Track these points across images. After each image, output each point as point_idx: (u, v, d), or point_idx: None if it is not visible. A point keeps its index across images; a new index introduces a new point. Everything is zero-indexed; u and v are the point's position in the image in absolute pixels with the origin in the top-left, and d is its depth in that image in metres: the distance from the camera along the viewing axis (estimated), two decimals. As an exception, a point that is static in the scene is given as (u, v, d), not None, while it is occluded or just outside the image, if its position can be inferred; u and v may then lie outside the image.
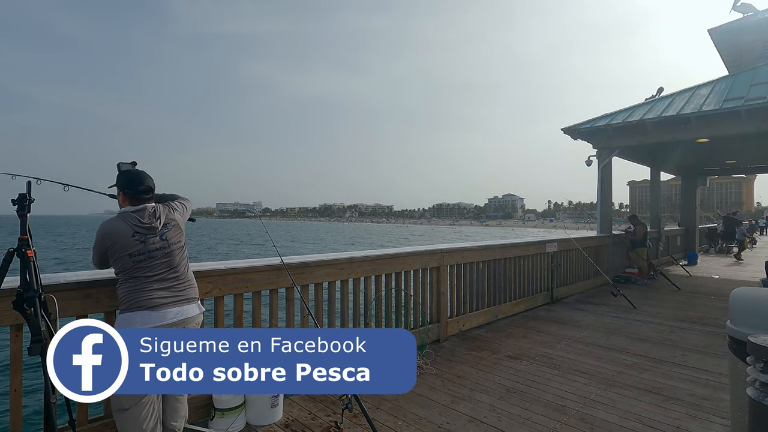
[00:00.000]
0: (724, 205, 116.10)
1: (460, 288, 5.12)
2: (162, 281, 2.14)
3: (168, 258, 2.18)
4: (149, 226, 2.13)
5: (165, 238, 2.17)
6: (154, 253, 2.13)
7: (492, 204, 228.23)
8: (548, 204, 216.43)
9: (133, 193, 2.18)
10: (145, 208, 2.17)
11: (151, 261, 2.12)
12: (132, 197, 2.18)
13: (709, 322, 5.68)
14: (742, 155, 11.96)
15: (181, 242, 2.26)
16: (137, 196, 2.18)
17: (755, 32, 10.83)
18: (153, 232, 2.14)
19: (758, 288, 2.14)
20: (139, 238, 2.11)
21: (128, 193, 2.18)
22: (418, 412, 3.07)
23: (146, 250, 2.11)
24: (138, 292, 2.09)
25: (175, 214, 2.30)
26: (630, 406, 3.17)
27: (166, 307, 2.12)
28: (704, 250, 16.21)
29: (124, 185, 2.19)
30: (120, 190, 2.21)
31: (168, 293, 2.15)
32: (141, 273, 2.10)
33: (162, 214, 2.21)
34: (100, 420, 2.51)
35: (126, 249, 2.09)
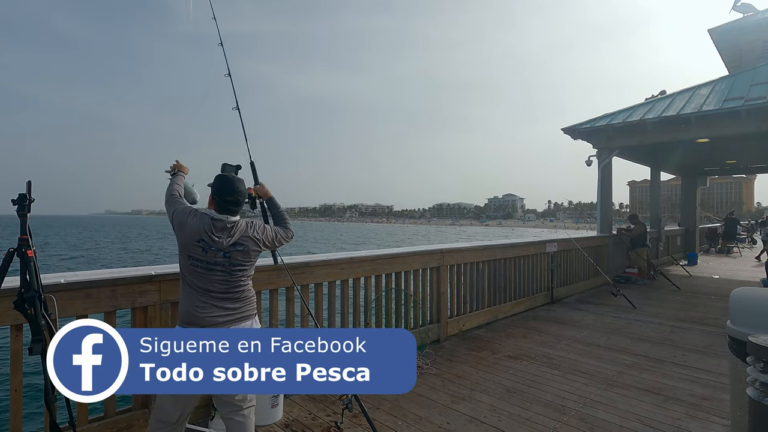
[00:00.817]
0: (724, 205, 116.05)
1: (460, 288, 5.11)
2: (212, 299, 2.06)
3: (227, 276, 2.08)
4: (216, 240, 2.05)
5: (228, 256, 2.08)
6: (214, 267, 2.06)
7: (492, 204, 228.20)
8: (548, 204, 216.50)
9: (219, 200, 2.12)
10: (224, 220, 2.09)
11: (209, 273, 2.05)
12: (218, 204, 2.12)
13: (710, 322, 5.68)
14: (742, 155, 11.96)
15: (245, 266, 2.14)
16: (222, 206, 2.11)
17: (755, 32, 10.83)
18: (218, 246, 2.05)
19: (758, 288, 2.14)
20: (202, 245, 2.04)
21: (215, 199, 2.13)
22: (418, 412, 3.07)
23: (205, 260, 2.04)
24: (191, 305, 2.04)
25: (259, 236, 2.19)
26: (630, 406, 3.17)
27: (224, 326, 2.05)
28: (704, 250, 16.21)
29: (214, 191, 2.15)
30: (211, 193, 2.17)
31: (225, 311, 2.07)
32: (196, 281, 2.05)
33: (238, 233, 2.12)
34: (101, 420, 2.51)
35: (187, 248, 2.05)
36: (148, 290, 2.66)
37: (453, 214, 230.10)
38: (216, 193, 2.13)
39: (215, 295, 2.06)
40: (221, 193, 2.12)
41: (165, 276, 2.72)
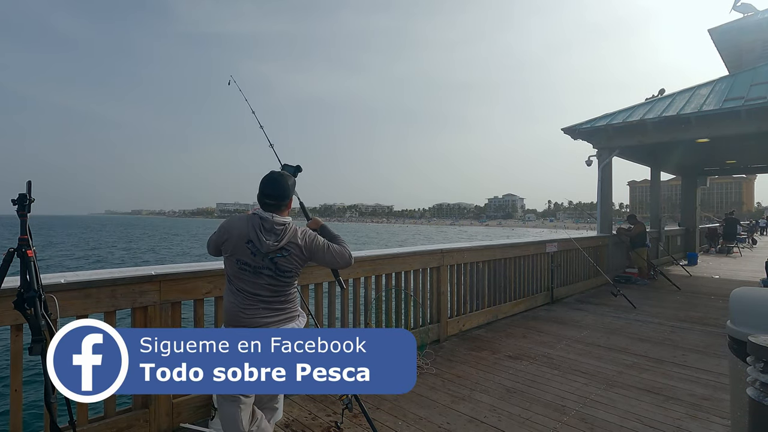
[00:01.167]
0: (724, 205, 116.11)
1: (460, 288, 5.11)
2: (257, 302, 2.03)
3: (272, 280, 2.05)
4: (263, 242, 1.99)
5: (274, 262, 2.03)
6: (262, 272, 2.02)
7: (492, 204, 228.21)
8: (548, 204, 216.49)
9: (259, 195, 2.07)
10: (271, 219, 2.03)
11: (255, 277, 2.01)
12: (259, 201, 2.08)
13: (710, 322, 5.68)
14: (742, 155, 11.95)
15: (291, 272, 2.09)
16: (262, 200, 2.07)
17: (755, 32, 10.83)
18: (265, 249, 2.00)
19: (758, 288, 2.14)
20: (251, 248, 2.00)
21: (258, 196, 2.08)
22: (418, 412, 3.07)
23: (254, 264, 2.00)
24: (237, 308, 2.01)
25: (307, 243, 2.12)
26: (630, 406, 3.17)
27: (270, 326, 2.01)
28: (704, 250, 16.21)
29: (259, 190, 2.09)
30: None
31: (271, 312, 2.05)
32: (243, 285, 2.02)
33: (286, 237, 2.05)
34: (101, 420, 2.51)
35: (235, 252, 2.01)
36: (148, 290, 2.66)
37: (453, 214, 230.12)
38: (259, 191, 2.08)
39: (263, 299, 2.04)
40: (261, 186, 2.07)
41: (165, 276, 2.72)
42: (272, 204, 2.06)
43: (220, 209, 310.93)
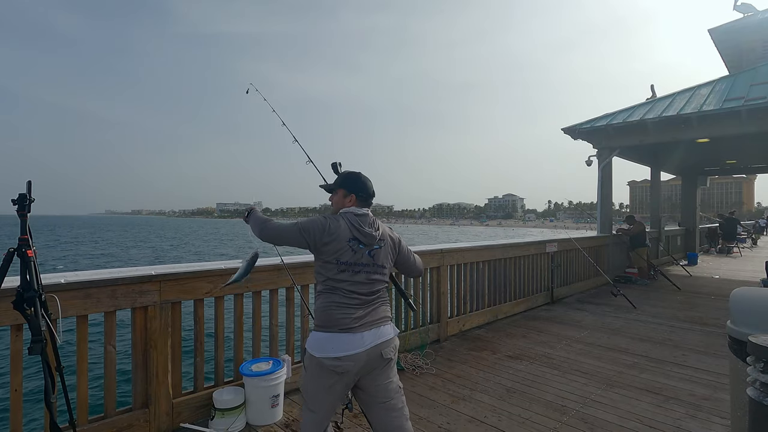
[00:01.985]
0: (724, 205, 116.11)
1: (461, 288, 5.11)
2: (361, 302, 1.97)
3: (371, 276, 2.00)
4: (368, 234, 1.98)
5: (372, 255, 2.00)
6: (361, 268, 1.97)
7: (492, 204, 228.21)
8: (548, 204, 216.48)
9: (363, 195, 2.06)
10: (368, 215, 2.05)
11: (355, 275, 1.96)
12: (361, 199, 2.06)
13: (710, 322, 5.68)
14: (743, 155, 11.95)
15: (385, 267, 2.06)
16: (365, 199, 2.07)
17: (756, 32, 10.83)
18: (370, 241, 1.99)
19: (758, 288, 2.13)
20: (353, 245, 1.96)
21: (359, 195, 2.06)
22: (418, 412, 3.07)
23: (355, 260, 1.96)
24: (336, 309, 1.93)
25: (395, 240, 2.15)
26: (630, 406, 3.17)
27: (364, 329, 1.93)
28: (704, 250, 16.20)
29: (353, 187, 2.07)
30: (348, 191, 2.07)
31: (368, 314, 1.97)
32: (343, 285, 1.95)
33: (381, 228, 2.06)
34: (101, 420, 2.51)
35: (336, 253, 1.94)
36: (148, 290, 2.66)
37: (453, 214, 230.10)
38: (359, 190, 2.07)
39: (361, 298, 1.98)
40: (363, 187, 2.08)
41: (165, 276, 2.73)
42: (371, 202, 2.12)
43: (220, 209, 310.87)
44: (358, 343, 1.89)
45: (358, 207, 2.05)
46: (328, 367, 1.87)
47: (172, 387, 2.78)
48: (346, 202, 2.07)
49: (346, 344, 1.88)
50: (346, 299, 1.95)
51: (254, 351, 3.26)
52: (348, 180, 2.10)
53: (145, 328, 2.68)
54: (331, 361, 1.86)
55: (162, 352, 2.73)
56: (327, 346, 1.88)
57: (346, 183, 2.09)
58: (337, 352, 1.86)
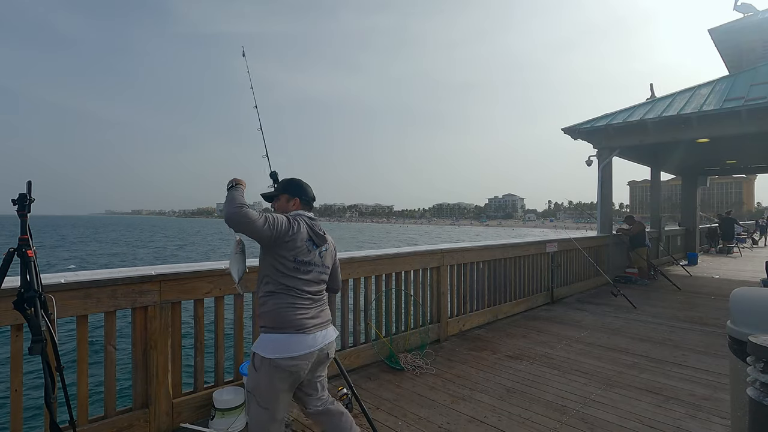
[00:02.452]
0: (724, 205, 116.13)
1: (461, 288, 5.11)
2: (313, 302, 2.05)
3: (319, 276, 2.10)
4: (320, 235, 2.10)
5: (322, 257, 2.11)
6: (313, 268, 2.06)
7: (492, 204, 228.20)
8: (548, 204, 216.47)
9: (307, 199, 2.19)
10: (315, 218, 2.16)
11: (308, 274, 2.04)
12: (306, 203, 2.19)
13: (710, 322, 5.68)
14: (743, 155, 11.95)
15: (330, 269, 2.19)
16: (309, 203, 2.20)
17: (756, 32, 10.83)
18: (321, 242, 2.10)
19: (758, 288, 2.13)
20: (309, 246, 2.04)
21: (303, 198, 2.18)
22: (418, 412, 3.07)
23: (309, 260, 2.04)
24: (289, 309, 1.97)
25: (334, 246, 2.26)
26: (630, 406, 3.17)
27: (317, 329, 2.02)
28: (704, 250, 16.20)
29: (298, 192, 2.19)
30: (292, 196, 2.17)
31: (317, 314, 2.06)
32: (297, 285, 2.00)
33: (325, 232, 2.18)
34: (101, 420, 2.51)
35: (295, 251, 1.99)
36: (148, 290, 2.66)
37: (453, 214, 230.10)
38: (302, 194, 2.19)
39: (311, 297, 2.06)
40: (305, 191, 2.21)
41: (165, 276, 2.73)
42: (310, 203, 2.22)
43: (220, 209, 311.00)
44: (311, 343, 1.98)
45: (304, 210, 2.16)
46: (283, 368, 1.92)
47: (172, 387, 2.78)
48: (290, 206, 2.16)
49: (301, 345, 1.95)
50: (300, 300, 2.00)
51: (254, 351, 3.26)
52: (290, 185, 2.21)
53: (145, 328, 2.68)
54: (287, 361, 1.92)
55: (162, 352, 2.73)
56: (282, 347, 1.93)
57: (289, 188, 2.20)
58: (292, 352, 1.93)
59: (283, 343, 1.94)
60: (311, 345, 1.97)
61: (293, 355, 1.93)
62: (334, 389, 3.28)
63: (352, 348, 3.91)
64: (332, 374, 3.62)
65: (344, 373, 2.78)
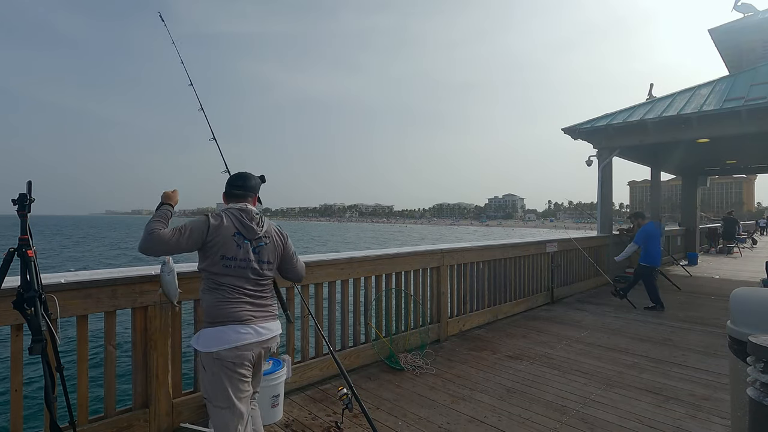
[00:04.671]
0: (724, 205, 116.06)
1: (461, 288, 5.11)
2: (251, 295, 2.02)
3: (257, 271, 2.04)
4: (249, 227, 2.02)
5: (257, 252, 2.04)
6: (246, 266, 2.00)
7: (492, 204, 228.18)
8: (548, 204, 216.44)
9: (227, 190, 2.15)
10: (249, 210, 2.07)
11: (240, 270, 1.99)
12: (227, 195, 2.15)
13: (710, 322, 5.68)
14: (743, 155, 11.95)
15: (272, 264, 2.11)
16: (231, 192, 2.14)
17: (756, 32, 10.82)
18: (252, 235, 2.02)
19: (758, 288, 2.13)
20: (237, 240, 1.98)
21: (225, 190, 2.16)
22: (418, 412, 3.07)
23: (240, 256, 1.98)
24: (226, 303, 1.96)
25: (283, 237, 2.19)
26: (630, 407, 3.17)
27: (258, 322, 2.00)
28: (705, 250, 16.19)
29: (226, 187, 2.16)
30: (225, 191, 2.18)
31: (256, 308, 2.03)
32: (228, 281, 1.97)
33: (265, 225, 2.09)
34: (101, 419, 2.51)
35: (221, 248, 1.95)
36: (148, 290, 2.66)
37: (453, 214, 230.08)
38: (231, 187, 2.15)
39: (248, 292, 2.01)
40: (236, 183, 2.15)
41: (165, 276, 2.72)
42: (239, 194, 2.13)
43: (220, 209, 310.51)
44: (252, 335, 1.96)
45: (236, 203, 2.10)
46: (225, 359, 1.91)
47: (172, 387, 2.78)
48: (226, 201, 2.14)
49: (240, 335, 1.93)
50: (233, 294, 1.98)
51: (254, 351, 3.26)
52: (227, 182, 2.18)
53: (145, 328, 2.68)
54: (227, 351, 1.91)
55: (162, 352, 2.73)
56: (222, 338, 1.92)
57: (226, 185, 2.18)
58: (232, 342, 1.91)
59: (222, 334, 1.92)
60: (252, 337, 1.96)
61: (235, 345, 1.91)
62: (334, 389, 3.28)
63: (352, 348, 3.91)
64: (332, 374, 3.62)
65: (344, 373, 2.78)
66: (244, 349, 1.94)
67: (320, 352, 3.65)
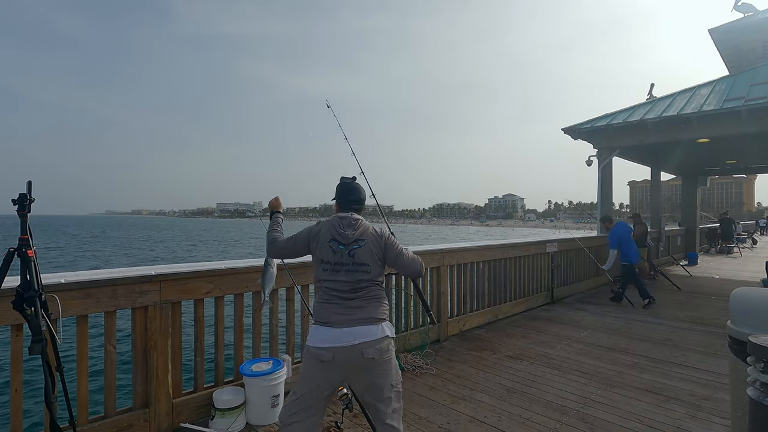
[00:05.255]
0: (725, 205, 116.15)
1: (461, 288, 5.11)
2: (343, 299, 2.07)
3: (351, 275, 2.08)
4: (343, 234, 2.10)
5: (352, 255, 2.09)
6: (340, 268, 2.08)
7: (492, 204, 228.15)
8: (548, 204, 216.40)
9: (343, 201, 2.26)
10: (349, 216, 2.18)
11: (335, 274, 2.08)
12: (342, 205, 2.25)
13: (710, 322, 5.68)
14: (743, 155, 11.95)
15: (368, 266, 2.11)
16: (346, 205, 2.24)
17: (756, 32, 10.83)
18: (346, 240, 2.09)
19: (758, 288, 2.13)
20: (333, 246, 2.09)
21: (340, 201, 2.27)
22: (418, 412, 3.07)
23: (335, 260, 2.08)
24: (320, 305, 2.10)
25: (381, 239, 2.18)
26: (630, 407, 3.16)
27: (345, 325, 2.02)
28: (705, 250, 16.19)
29: (338, 194, 2.29)
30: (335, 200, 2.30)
31: (346, 311, 2.06)
32: (325, 285, 2.10)
33: (361, 229, 2.14)
34: (101, 419, 2.51)
35: (321, 254, 2.11)
36: (148, 290, 2.66)
37: (453, 214, 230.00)
38: (340, 196, 2.28)
39: (339, 296, 2.08)
40: (345, 194, 2.27)
41: (165, 276, 2.73)
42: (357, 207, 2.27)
43: (220, 209, 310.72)
44: (340, 338, 2.00)
45: (342, 212, 2.23)
46: (313, 355, 2.02)
47: (172, 387, 2.78)
48: (336, 209, 2.29)
49: (328, 337, 2.01)
50: (327, 296, 2.10)
51: (254, 351, 3.26)
52: (336, 190, 2.32)
53: (145, 328, 2.68)
54: (316, 349, 2.01)
55: (162, 352, 2.73)
56: (315, 336, 2.05)
57: (335, 193, 2.31)
58: (320, 342, 2.01)
59: (315, 332, 2.07)
60: (338, 340, 1.99)
61: (322, 345, 2.00)
62: (334, 389, 3.27)
63: (352, 348, 3.90)
64: (332, 374, 3.62)
65: (344, 373, 2.78)
66: (329, 351, 1.98)
67: (320, 352, 3.65)
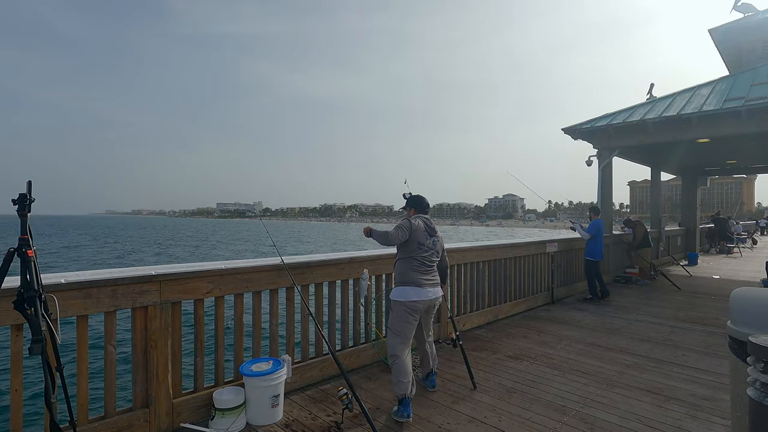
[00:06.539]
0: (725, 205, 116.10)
1: (461, 288, 5.11)
2: (427, 269, 3.19)
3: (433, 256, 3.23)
4: (432, 228, 3.30)
5: (434, 243, 3.26)
6: (430, 249, 3.21)
7: (492, 204, 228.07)
8: (549, 204, 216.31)
9: (421, 208, 3.40)
10: (429, 218, 3.36)
11: (426, 252, 3.18)
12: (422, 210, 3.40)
13: (710, 322, 5.68)
14: (743, 155, 11.94)
15: (439, 252, 3.31)
16: (425, 210, 3.42)
17: (756, 32, 10.81)
18: (433, 233, 3.28)
19: (759, 288, 2.13)
20: (425, 234, 3.22)
21: (418, 208, 3.40)
22: (418, 412, 3.07)
23: (427, 244, 3.20)
24: (413, 272, 3.13)
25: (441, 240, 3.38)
26: (630, 407, 3.17)
27: (428, 287, 3.16)
28: (705, 250, 16.19)
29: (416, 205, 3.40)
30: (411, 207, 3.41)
31: (429, 277, 3.20)
32: (418, 256, 3.15)
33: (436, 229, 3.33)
34: (101, 420, 2.51)
35: (417, 238, 3.16)
36: (148, 290, 2.66)
37: (453, 214, 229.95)
38: (417, 205, 3.40)
39: (425, 268, 3.18)
40: (421, 204, 3.42)
41: (165, 276, 2.73)
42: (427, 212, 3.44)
43: (220, 209, 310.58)
44: (426, 294, 3.14)
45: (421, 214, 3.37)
46: (409, 307, 3.09)
47: (172, 387, 2.78)
48: (411, 213, 3.38)
49: (419, 293, 3.12)
50: (419, 265, 3.16)
51: (254, 351, 3.26)
52: (411, 202, 3.44)
53: (145, 328, 2.68)
54: (411, 303, 3.09)
55: (162, 352, 2.73)
56: (409, 293, 3.11)
57: (410, 203, 3.44)
58: (414, 297, 3.10)
59: (410, 290, 3.11)
60: (425, 296, 3.13)
61: (416, 299, 3.10)
62: (334, 389, 3.28)
63: (352, 348, 3.91)
64: (332, 374, 3.63)
65: (344, 373, 2.79)
66: (419, 303, 3.12)
67: (320, 352, 3.66)
